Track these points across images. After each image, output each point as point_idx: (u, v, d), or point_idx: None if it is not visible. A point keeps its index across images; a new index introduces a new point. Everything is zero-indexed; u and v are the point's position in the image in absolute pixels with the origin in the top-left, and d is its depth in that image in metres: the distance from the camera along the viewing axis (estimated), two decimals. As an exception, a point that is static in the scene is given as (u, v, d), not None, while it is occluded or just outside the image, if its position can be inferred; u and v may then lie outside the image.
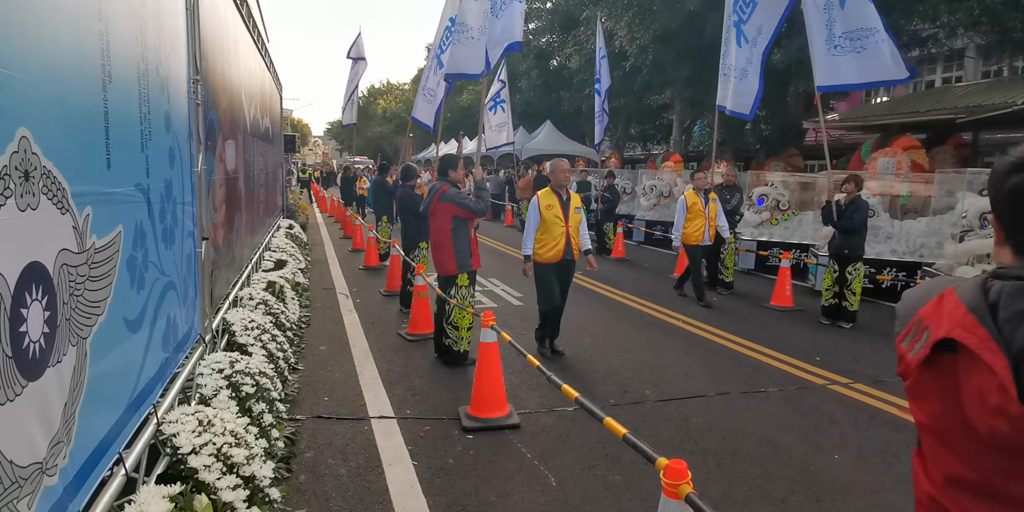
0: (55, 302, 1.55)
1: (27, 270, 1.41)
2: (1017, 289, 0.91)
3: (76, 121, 1.75)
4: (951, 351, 0.95)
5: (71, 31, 1.73)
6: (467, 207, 4.85)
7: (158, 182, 2.57)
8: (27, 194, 1.41)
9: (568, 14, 19.52)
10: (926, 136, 12.82)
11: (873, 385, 4.78)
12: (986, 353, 0.89)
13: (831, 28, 7.03)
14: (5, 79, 1.34)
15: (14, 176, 1.35)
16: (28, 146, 1.42)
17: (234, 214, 4.95)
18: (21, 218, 1.39)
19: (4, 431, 1.30)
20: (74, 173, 1.68)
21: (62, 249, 1.61)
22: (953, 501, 0.97)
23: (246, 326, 4.09)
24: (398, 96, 47.08)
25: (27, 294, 1.41)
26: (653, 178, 14.64)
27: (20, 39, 1.42)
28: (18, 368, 1.36)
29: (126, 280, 2.13)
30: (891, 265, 8.26)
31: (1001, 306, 0.91)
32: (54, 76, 1.60)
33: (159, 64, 2.63)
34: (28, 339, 1.41)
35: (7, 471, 1.31)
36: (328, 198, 22.50)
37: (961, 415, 0.93)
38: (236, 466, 2.44)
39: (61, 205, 1.60)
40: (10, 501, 1.32)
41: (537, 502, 3.05)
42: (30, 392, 1.42)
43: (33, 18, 1.49)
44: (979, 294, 0.94)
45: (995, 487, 0.91)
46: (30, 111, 1.45)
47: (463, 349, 5.03)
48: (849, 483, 3.30)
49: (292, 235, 9.87)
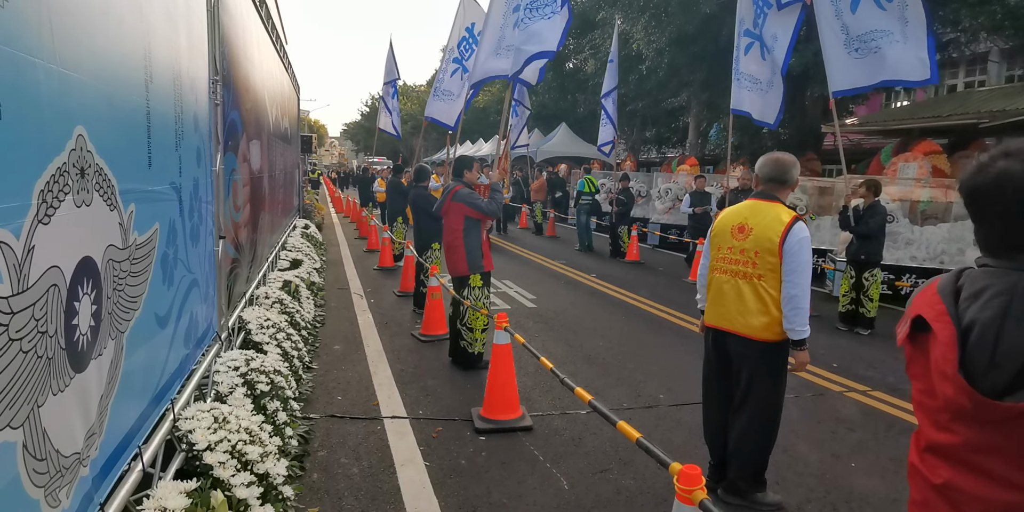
0: (101, 296, 1.59)
1: (81, 264, 1.44)
2: (978, 274, 1.06)
3: (124, 120, 1.80)
4: (925, 329, 1.08)
5: (119, 33, 1.76)
6: (479, 208, 4.82)
7: (188, 181, 2.61)
8: (83, 191, 1.45)
9: (584, 16, 19.52)
10: (948, 141, 12.63)
11: (891, 393, 4.71)
12: (937, 324, 1.04)
13: (847, 32, 7.06)
14: (65, 79, 1.36)
15: (72, 173, 1.38)
16: (84, 144, 1.46)
17: (256, 213, 5.01)
18: (77, 214, 1.42)
19: (54, 420, 1.33)
20: (121, 171, 1.72)
21: (109, 245, 1.64)
22: (930, 467, 1.10)
23: (262, 324, 4.12)
24: (413, 98, 47.28)
25: (80, 288, 1.44)
26: (668, 181, 14.57)
27: (76, 40, 1.45)
28: (69, 360, 1.39)
29: (159, 277, 2.17)
30: (911, 271, 8.13)
31: (963, 288, 1.06)
32: (105, 76, 1.64)
33: (189, 65, 2.67)
34: (78, 331, 1.44)
35: (54, 460, 1.35)
36: (344, 199, 22.67)
37: (932, 385, 1.07)
38: (250, 463, 2.46)
39: (110, 202, 1.64)
40: (54, 490, 1.35)
41: (549, 505, 3.04)
42: (76, 384, 1.44)
43: (87, 19, 1.52)
44: (952, 279, 1.10)
45: (962, 456, 1.03)
46: (85, 110, 1.49)
47: (477, 351, 5.01)
48: (867, 492, 3.25)
49: (308, 235, 9.94)
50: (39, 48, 1.26)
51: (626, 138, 23.17)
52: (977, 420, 0.98)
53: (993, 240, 1.06)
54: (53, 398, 1.33)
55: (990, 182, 1.03)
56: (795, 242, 2.82)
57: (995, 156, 1.05)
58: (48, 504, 1.33)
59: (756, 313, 2.91)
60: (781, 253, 2.84)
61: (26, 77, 1.22)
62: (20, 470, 1.22)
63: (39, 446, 1.29)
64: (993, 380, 0.95)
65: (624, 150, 22.75)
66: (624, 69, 12.79)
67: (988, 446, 0.98)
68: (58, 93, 1.35)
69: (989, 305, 0.99)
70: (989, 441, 0.97)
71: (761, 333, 2.90)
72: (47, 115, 1.30)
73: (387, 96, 14.56)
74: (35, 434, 1.27)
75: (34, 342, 1.25)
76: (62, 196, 1.34)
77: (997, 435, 0.96)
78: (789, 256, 2.82)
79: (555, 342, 5.88)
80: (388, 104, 14.51)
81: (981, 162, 1.07)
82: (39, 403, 1.28)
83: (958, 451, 1.03)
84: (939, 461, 1.07)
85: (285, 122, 8.53)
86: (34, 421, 1.26)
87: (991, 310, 0.98)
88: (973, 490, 1.00)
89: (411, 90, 50.56)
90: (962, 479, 1.02)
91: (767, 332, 2.90)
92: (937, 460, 1.08)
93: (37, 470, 1.28)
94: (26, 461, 1.24)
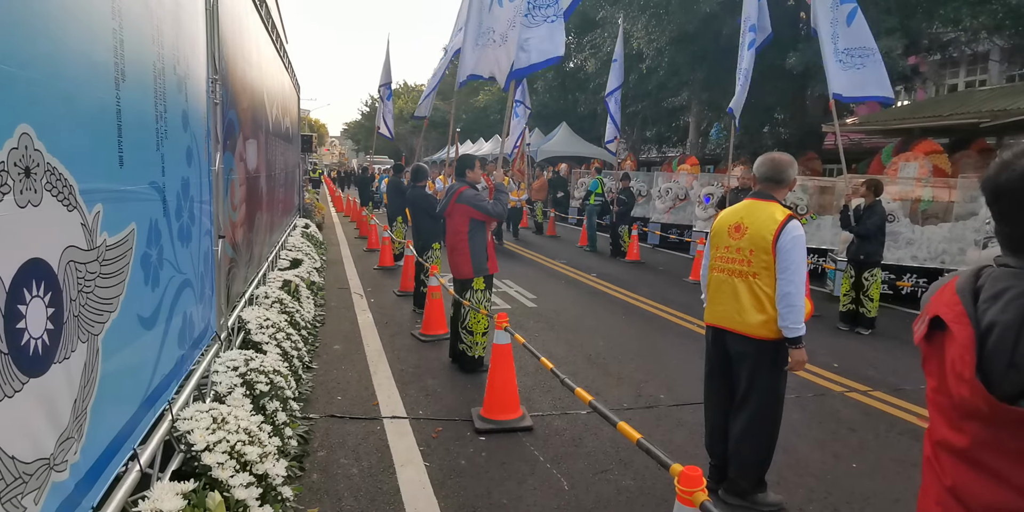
0: (61, 299, 1.56)
1: (26, 267, 1.41)
2: (999, 274, 1.04)
3: (86, 119, 1.75)
4: (943, 329, 1.07)
5: (81, 29, 1.72)
6: (485, 210, 4.74)
7: (174, 180, 2.59)
8: (27, 190, 1.41)
9: (584, 15, 19.49)
10: (948, 141, 12.61)
11: (892, 393, 4.69)
12: (955, 326, 1.03)
13: (835, 43, 7.40)
14: (8, 76, 1.34)
15: (12, 172, 1.35)
16: (30, 142, 1.42)
17: (254, 213, 4.99)
18: (20, 214, 1.38)
19: (3, 427, 1.30)
20: (82, 170, 1.67)
21: (68, 246, 1.61)
22: (941, 463, 1.10)
23: (261, 324, 4.11)
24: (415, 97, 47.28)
25: (26, 291, 1.41)
26: (669, 181, 14.56)
27: (22, 37, 1.42)
28: (16, 364, 1.36)
29: (140, 277, 2.14)
30: (912, 271, 8.12)
31: (983, 288, 1.04)
32: (61, 73, 1.59)
33: (176, 63, 2.64)
34: (28, 335, 1.41)
35: (8, 467, 1.31)
36: (344, 198, 22.66)
37: (947, 385, 1.06)
38: (249, 464, 2.45)
39: (67, 202, 1.60)
40: (14, 497, 1.32)
41: (549, 506, 3.03)
42: (32, 388, 1.41)
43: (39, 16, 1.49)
44: (971, 279, 1.08)
45: (972, 455, 1.02)
46: (33, 107, 1.45)
47: (478, 355, 4.95)
48: (868, 492, 3.24)
49: (308, 234, 9.93)
50: None
51: (627, 137, 23.14)
52: (990, 422, 0.97)
53: (1017, 239, 1.05)
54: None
55: (1015, 180, 1.02)
56: (788, 240, 2.83)
57: (1018, 154, 1.04)
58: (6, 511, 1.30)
59: (753, 311, 2.92)
60: (775, 251, 2.85)
61: None
62: None
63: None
64: (1011, 382, 0.95)
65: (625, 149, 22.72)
66: (625, 68, 12.73)
67: (999, 446, 0.97)
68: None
69: (1009, 307, 0.98)
70: (1000, 442, 0.97)
71: (758, 330, 2.92)
72: None
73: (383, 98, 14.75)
74: None
75: None
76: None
77: (1009, 437, 0.95)
78: (782, 254, 2.84)
79: (555, 342, 5.87)
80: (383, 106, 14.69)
81: (1004, 160, 1.06)
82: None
83: (968, 450, 1.02)
84: (949, 458, 1.07)
85: (286, 122, 8.52)
86: None
87: (1011, 313, 0.97)
88: (982, 489, 1.00)
89: (412, 90, 50.54)
90: (971, 478, 1.02)
91: (764, 330, 2.91)
92: (947, 457, 1.07)
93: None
94: None
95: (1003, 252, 1.08)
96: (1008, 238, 1.07)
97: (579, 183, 18.30)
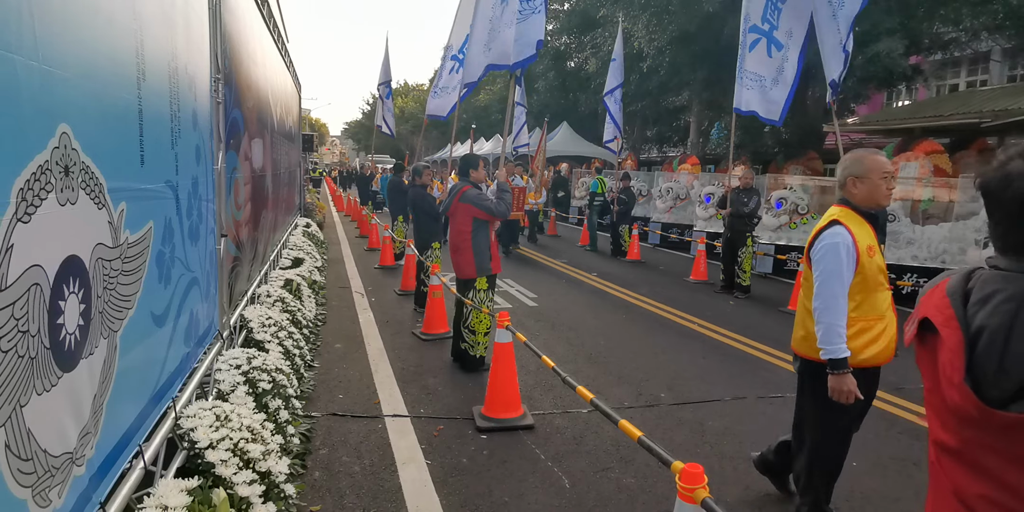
0: (90, 295, 1.58)
1: (66, 263, 1.44)
2: (990, 277, 1.03)
3: (113, 118, 1.79)
4: (933, 331, 1.07)
5: (108, 30, 1.75)
6: (488, 209, 4.73)
7: (186, 179, 2.61)
8: (67, 189, 1.44)
9: (585, 14, 19.49)
10: (949, 140, 12.62)
11: (893, 392, 4.70)
12: (945, 330, 1.02)
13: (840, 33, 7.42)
14: (48, 76, 1.36)
15: (55, 171, 1.38)
16: (68, 142, 1.45)
17: (258, 212, 5.00)
18: (61, 212, 1.41)
19: (40, 420, 1.33)
20: (110, 169, 1.71)
21: (98, 243, 1.63)
22: (942, 464, 1.09)
23: (263, 323, 4.12)
24: (415, 97, 47.28)
25: (65, 287, 1.43)
26: (670, 181, 14.56)
27: (61, 37, 1.44)
28: (55, 359, 1.39)
29: (155, 275, 2.16)
30: (912, 271, 8.13)
31: (974, 291, 1.03)
32: (92, 73, 1.63)
33: (187, 63, 2.66)
34: (64, 331, 1.44)
35: (41, 460, 1.34)
36: (345, 197, 22.67)
37: (939, 388, 1.06)
38: (252, 461, 2.46)
39: (98, 200, 1.63)
40: (43, 490, 1.35)
41: (551, 504, 3.04)
42: (64, 383, 1.44)
43: (73, 17, 1.52)
44: (962, 281, 1.07)
45: (969, 456, 1.01)
46: (70, 107, 1.48)
47: (479, 354, 4.95)
48: (868, 491, 3.25)
49: (309, 233, 9.94)
50: (19, 45, 1.25)
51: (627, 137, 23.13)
52: (981, 425, 0.97)
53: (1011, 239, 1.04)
54: (38, 398, 1.32)
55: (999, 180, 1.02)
56: (819, 248, 2.55)
57: (1012, 155, 1.04)
58: (37, 504, 1.32)
59: (798, 325, 2.75)
60: (808, 260, 2.66)
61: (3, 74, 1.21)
62: (3, 470, 1.21)
63: (23, 446, 1.28)
64: (1001, 387, 0.94)
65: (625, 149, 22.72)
66: (625, 68, 12.74)
67: (990, 448, 0.97)
68: (40, 90, 1.34)
69: (998, 311, 0.97)
70: (993, 444, 0.97)
71: (798, 346, 2.74)
72: (27, 112, 1.29)
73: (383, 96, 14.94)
74: (18, 434, 1.26)
75: (14, 342, 1.24)
76: (44, 194, 1.33)
77: (1002, 440, 0.96)
78: (814, 263, 2.59)
79: (556, 341, 5.88)
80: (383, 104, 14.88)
81: (999, 159, 1.06)
82: (22, 403, 1.27)
83: (962, 451, 1.02)
84: (946, 458, 1.07)
85: (288, 121, 8.53)
86: (17, 421, 1.26)
87: (999, 317, 0.97)
88: (977, 490, 1.00)
89: (412, 89, 50.55)
90: (966, 479, 1.02)
91: (802, 346, 2.71)
92: (944, 457, 1.08)
93: (22, 470, 1.27)
94: (10, 461, 1.23)
95: (995, 252, 1.08)
96: (998, 238, 1.06)
97: (580, 183, 18.29)
